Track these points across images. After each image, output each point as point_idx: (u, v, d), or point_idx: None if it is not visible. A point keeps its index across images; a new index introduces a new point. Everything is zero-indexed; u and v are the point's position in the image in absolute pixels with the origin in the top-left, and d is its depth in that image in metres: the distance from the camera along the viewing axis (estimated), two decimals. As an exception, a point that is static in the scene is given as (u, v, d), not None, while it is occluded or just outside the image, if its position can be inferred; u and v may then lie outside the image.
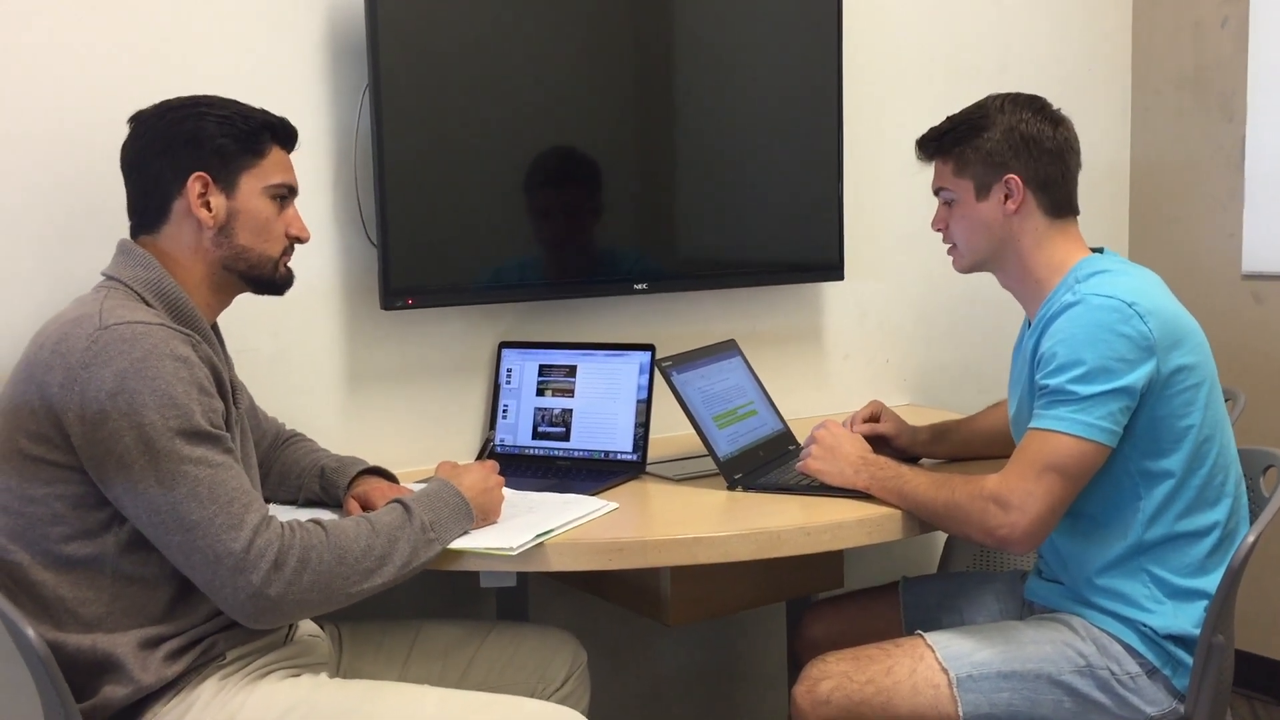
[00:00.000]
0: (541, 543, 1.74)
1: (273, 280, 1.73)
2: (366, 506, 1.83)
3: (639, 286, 2.44)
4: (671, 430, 2.30)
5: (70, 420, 1.48)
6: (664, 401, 2.10)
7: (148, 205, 1.67)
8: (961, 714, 1.78)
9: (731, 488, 2.03)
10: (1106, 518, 1.83)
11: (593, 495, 1.97)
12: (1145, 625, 1.80)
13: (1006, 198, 1.88)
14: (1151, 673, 1.80)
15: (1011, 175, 1.87)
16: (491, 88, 2.26)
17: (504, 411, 2.31)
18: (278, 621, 1.55)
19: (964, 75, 2.91)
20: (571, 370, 2.27)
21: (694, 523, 1.88)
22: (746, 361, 2.32)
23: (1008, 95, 1.93)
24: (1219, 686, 1.80)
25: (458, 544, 1.72)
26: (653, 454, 2.21)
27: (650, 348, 2.22)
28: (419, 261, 2.20)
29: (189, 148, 1.64)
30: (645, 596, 1.98)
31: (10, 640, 1.43)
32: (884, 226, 2.86)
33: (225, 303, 1.74)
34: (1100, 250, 1.94)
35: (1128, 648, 1.80)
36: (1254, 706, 3.01)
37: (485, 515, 1.77)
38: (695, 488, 2.07)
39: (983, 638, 1.85)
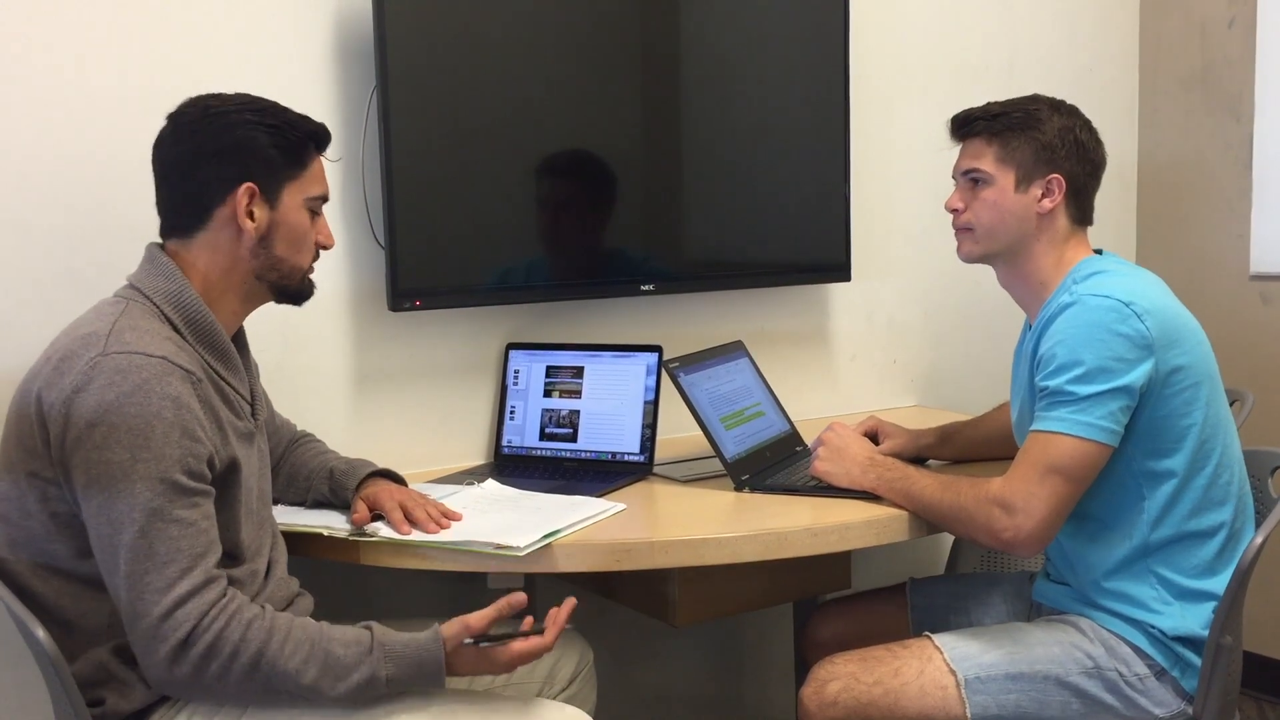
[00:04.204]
0: (549, 544, 1.74)
1: (299, 291, 1.72)
2: (374, 508, 1.82)
3: (646, 288, 2.44)
4: (679, 431, 2.31)
5: (53, 440, 1.47)
6: (671, 403, 2.11)
7: (185, 209, 1.64)
8: (969, 715, 1.77)
9: (739, 489, 2.03)
10: (1112, 519, 1.83)
11: (600, 496, 1.97)
12: (1153, 627, 1.80)
13: (1044, 195, 1.89)
14: (1160, 674, 1.80)
15: (1057, 174, 1.88)
16: (498, 90, 2.26)
17: (511, 413, 2.31)
18: (177, 695, 1.50)
19: (971, 75, 2.91)
20: (579, 371, 2.27)
21: (701, 524, 1.88)
22: (754, 362, 2.32)
23: (1055, 99, 1.94)
24: (1227, 688, 1.80)
25: (462, 541, 1.73)
26: (660, 455, 2.21)
27: (657, 349, 2.22)
28: (427, 263, 2.21)
29: (239, 156, 1.61)
30: (653, 597, 1.99)
31: (22, 644, 1.44)
32: (891, 227, 2.86)
33: (249, 311, 1.72)
34: (1099, 252, 1.94)
35: (1136, 649, 1.80)
36: (1262, 708, 3.00)
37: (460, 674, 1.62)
38: (703, 489, 2.07)
39: (990, 639, 1.85)
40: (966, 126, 1.94)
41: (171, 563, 1.44)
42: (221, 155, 1.61)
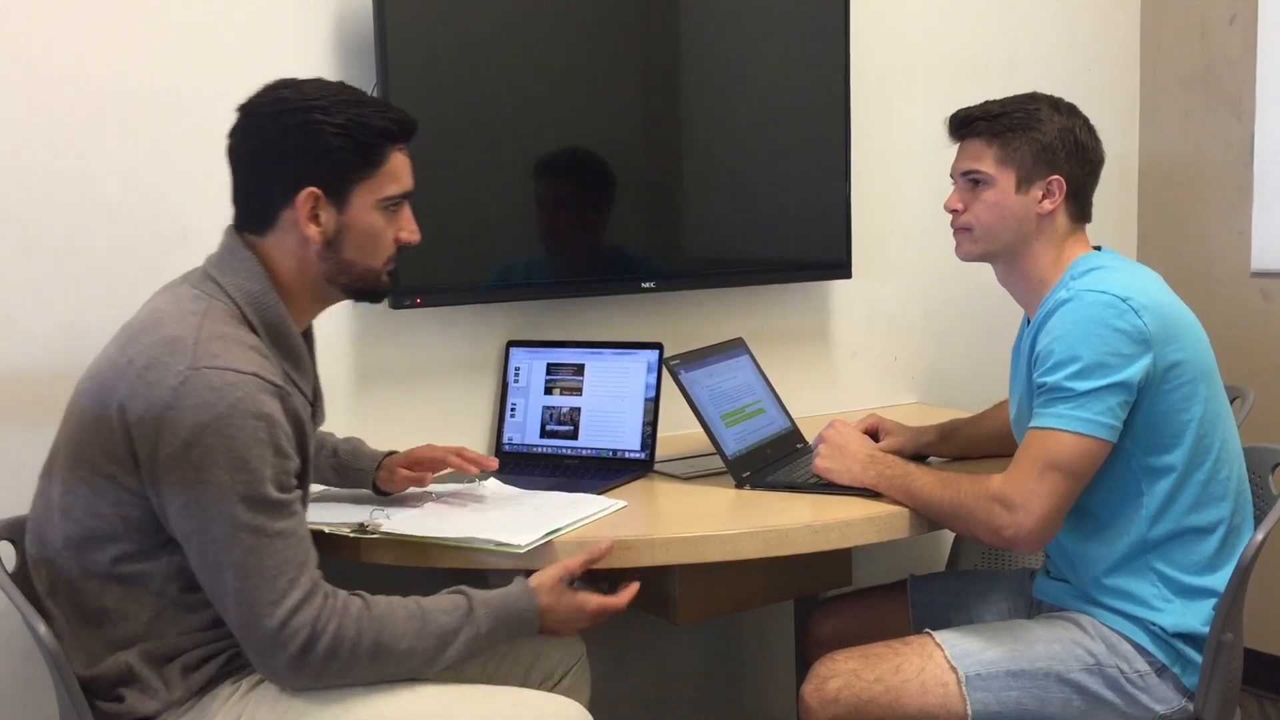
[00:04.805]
0: (549, 541, 1.74)
1: (375, 291, 1.68)
2: (418, 466, 1.92)
3: (647, 285, 2.44)
4: (679, 429, 2.30)
5: (143, 456, 1.46)
6: (672, 400, 2.11)
7: (254, 207, 1.60)
8: (970, 712, 1.77)
9: (739, 486, 2.03)
10: (1111, 516, 1.83)
11: (601, 494, 1.97)
12: (1154, 624, 1.80)
13: (1044, 196, 1.88)
14: (1160, 671, 1.80)
15: (1057, 176, 1.88)
16: (499, 86, 2.26)
17: (512, 410, 2.31)
18: (294, 689, 1.52)
19: (971, 74, 2.91)
20: (579, 369, 2.27)
21: (702, 521, 1.88)
22: (754, 360, 2.32)
23: (1054, 97, 1.93)
24: (1228, 684, 1.80)
25: (463, 538, 1.73)
26: (661, 452, 2.21)
27: (658, 346, 2.22)
28: (427, 260, 2.19)
29: (302, 159, 1.55)
30: (653, 595, 1.98)
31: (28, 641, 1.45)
32: (891, 225, 2.86)
33: (323, 309, 1.69)
34: (1098, 248, 1.94)
35: (1137, 646, 1.80)
36: (1263, 705, 3.01)
37: (545, 632, 1.69)
38: (703, 486, 2.07)
39: (991, 636, 1.85)
40: (966, 126, 1.93)
41: (280, 575, 1.45)
42: (285, 156, 1.56)
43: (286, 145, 1.56)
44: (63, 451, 1.55)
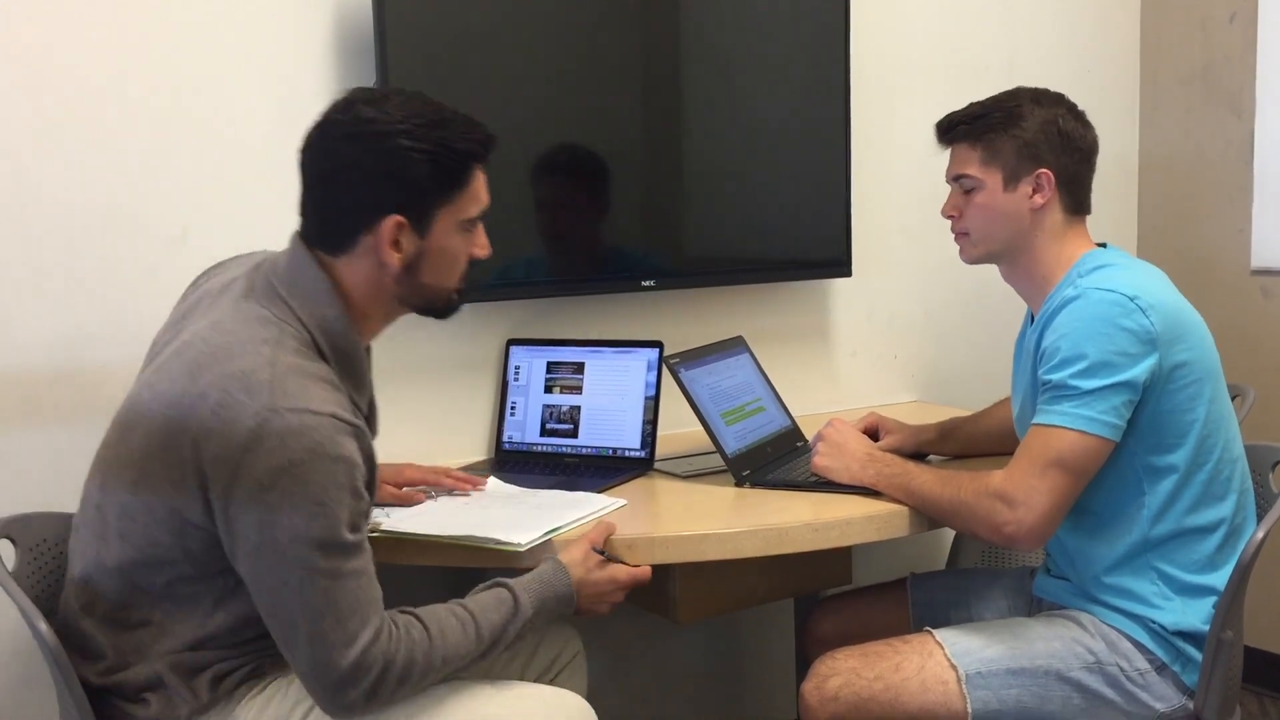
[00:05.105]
0: (550, 540, 1.74)
1: (444, 310, 1.64)
2: (403, 484, 1.91)
3: (647, 284, 2.44)
4: (679, 427, 2.31)
5: (215, 494, 1.42)
6: (672, 398, 2.11)
7: (331, 229, 1.54)
8: (970, 711, 1.78)
9: (739, 484, 2.03)
10: (1112, 514, 1.82)
11: (601, 492, 1.97)
12: (1154, 622, 1.80)
13: (1034, 191, 1.88)
14: (1160, 669, 1.80)
15: (1044, 169, 1.87)
16: (499, 85, 2.26)
17: (512, 409, 2.31)
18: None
19: (971, 72, 2.91)
20: (579, 367, 2.27)
21: (702, 519, 1.88)
22: (754, 358, 2.32)
23: (1037, 89, 1.92)
24: (1228, 682, 1.80)
25: (463, 536, 1.73)
26: (661, 451, 2.21)
27: (658, 344, 2.22)
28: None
29: (388, 186, 1.50)
30: (654, 593, 1.98)
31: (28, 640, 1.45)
32: (891, 223, 2.86)
33: (387, 326, 1.65)
34: (1104, 245, 1.94)
35: (1137, 644, 1.80)
36: (1263, 702, 3.01)
37: (580, 614, 1.71)
38: (703, 484, 2.07)
39: (991, 634, 1.85)
40: (950, 132, 1.94)
41: (353, 615, 1.43)
42: (369, 182, 1.50)
43: (371, 171, 1.50)
44: (121, 471, 1.51)
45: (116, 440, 1.54)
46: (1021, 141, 1.87)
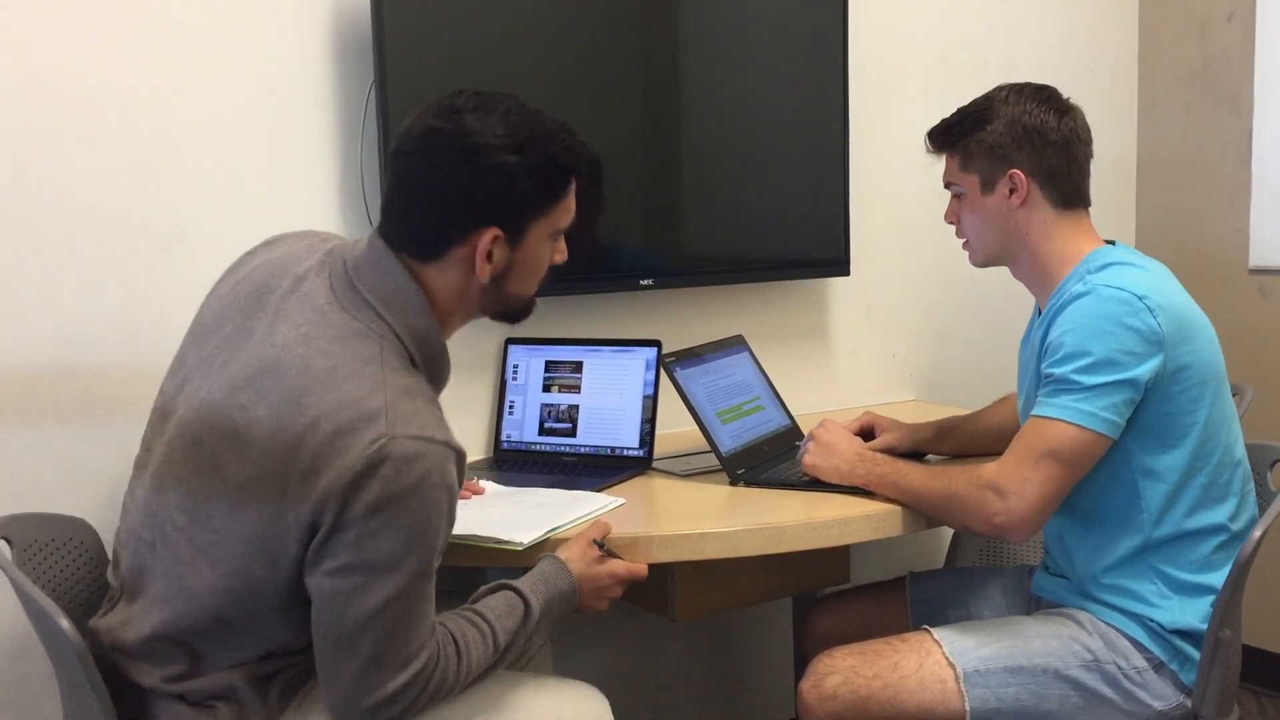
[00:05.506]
0: (549, 539, 1.74)
1: (520, 315, 1.64)
2: None
3: (645, 283, 2.44)
4: (678, 426, 2.31)
5: (325, 521, 1.38)
6: (671, 397, 2.11)
7: (424, 237, 1.51)
8: (968, 709, 1.78)
9: (733, 483, 2.03)
10: (1112, 514, 1.82)
11: (599, 491, 1.97)
12: (1152, 620, 1.80)
13: (1011, 192, 1.88)
14: (1158, 667, 1.80)
15: (1015, 169, 1.86)
16: (497, 84, 2.24)
17: (510, 408, 2.31)
18: None
19: (971, 71, 2.91)
20: (578, 366, 2.27)
21: (701, 518, 1.89)
22: (754, 357, 2.32)
23: (1015, 86, 1.91)
24: (1226, 681, 1.80)
25: (464, 535, 1.73)
26: (659, 450, 2.21)
27: (656, 343, 2.22)
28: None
29: (491, 201, 1.48)
30: (652, 592, 1.99)
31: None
32: (890, 222, 2.86)
33: (460, 327, 1.64)
34: (1112, 243, 1.93)
35: (1135, 643, 1.80)
36: (1261, 701, 3.01)
37: (581, 611, 1.70)
38: (702, 483, 2.07)
39: (989, 633, 1.85)
40: (932, 141, 1.96)
41: (414, 638, 1.42)
42: (472, 195, 1.48)
43: (474, 185, 1.48)
44: (214, 494, 1.45)
45: (196, 456, 1.47)
46: (988, 145, 1.87)
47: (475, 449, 2.35)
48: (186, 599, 1.47)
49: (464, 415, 2.36)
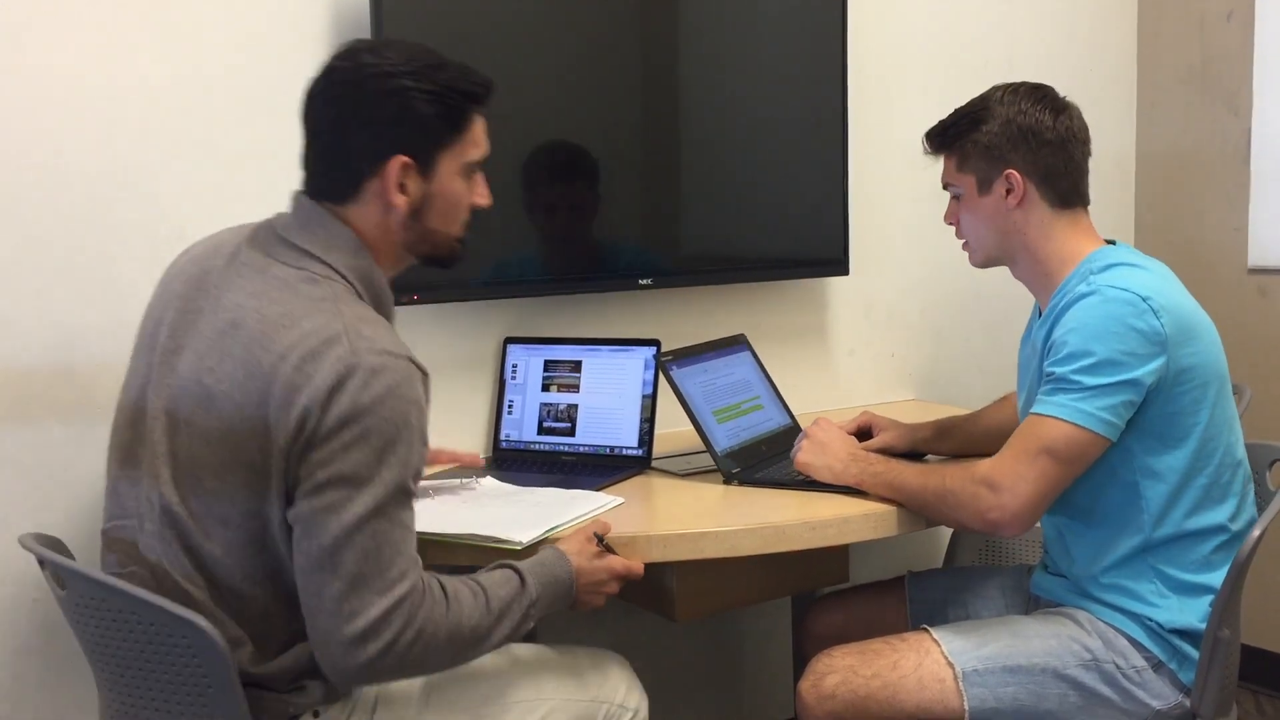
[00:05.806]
0: (548, 538, 1.74)
1: (449, 259, 1.64)
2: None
3: (644, 282, 2.44)
4: (677, 425, 2.30)
5: (301, 441, 1.40)
6: (670, 397, 2.11)
7: (336, 176, 1.54)
8: (967, 708, 1.78)
9: (727, 482, 2.03)
10: (1112, 514, 1.82)
11: (598, 490, 1.97)
12: (1151, 620, 1.80)
13: (1008, 192, 1.88)
14: (1157, 667, 1.80)
15: (1011, 169, 1.86)
16: (497, 84, 2.25)
17: (509, 407, 2.31)
18: (358, 685, 1.50)
19: (969, 70, 2.91)
20: (577, 366, 2.27)
21: (700, 517, 1.89)
22: (755, 356, 2.32)
23: (1011, 85, 1.91)
24: (1225, 680, 1.80)
25: (463, 534, 1.73)
26: (658, 449, 2.21)
27: (655, 343, 2.22)
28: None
29: (392, 127, 1.51)
30: (651, 591, 1.98)
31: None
32: (889, 221, 2.86)
33: (394, 275, 1.64)
34: (1112, 242, 1.93)
35: (1133, 642, 1.80)
36: (1260, 701, 3.01)
37: (577, 605, 1.69)
38: (701, 483, 2.07)
39: (988, 632, 1.85)
40: (929, 142, 1.96)
41: (392, 566, 1.41)
42: (374, 124, 1.51)
43: (376, 113, 1.51)
44: (199, 463, 1.46)
45: (184, 437, 1.48)
46: (983, 145, 1.87)
47: (474, 448, 2.34)
48: (212, 563, 1.46)
49: (463, 414, 2.36)
